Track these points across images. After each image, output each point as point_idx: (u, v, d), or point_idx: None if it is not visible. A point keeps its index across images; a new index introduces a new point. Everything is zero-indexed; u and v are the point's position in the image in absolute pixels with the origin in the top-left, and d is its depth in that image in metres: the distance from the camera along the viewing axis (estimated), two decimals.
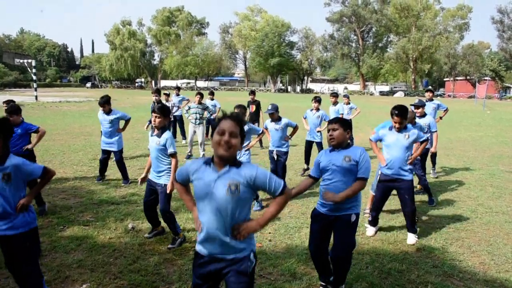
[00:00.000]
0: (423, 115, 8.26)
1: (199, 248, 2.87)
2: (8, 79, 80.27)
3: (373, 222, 6.08)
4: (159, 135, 5.30)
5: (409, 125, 5.84)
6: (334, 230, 4.15)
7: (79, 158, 11.23)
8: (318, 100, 9.88)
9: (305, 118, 10.10)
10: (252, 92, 13.74)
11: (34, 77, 42.00)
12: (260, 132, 7.50)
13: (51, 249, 5.22)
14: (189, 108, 11.69)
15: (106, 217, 6.41)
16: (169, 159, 5.35)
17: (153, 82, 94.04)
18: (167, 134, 5.31)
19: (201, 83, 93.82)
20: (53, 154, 11.81)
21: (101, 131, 9.02)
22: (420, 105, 8.16)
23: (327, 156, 4.16)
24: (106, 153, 8.68)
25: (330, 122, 4.15)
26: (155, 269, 4.73)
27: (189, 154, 11.56)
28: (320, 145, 9.83)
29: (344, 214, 4.06)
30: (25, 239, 3.61)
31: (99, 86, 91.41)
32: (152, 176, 5.44)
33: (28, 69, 46.97)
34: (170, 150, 5.28)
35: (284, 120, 8.04)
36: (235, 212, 2.69)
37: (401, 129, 5.63)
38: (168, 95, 14.17)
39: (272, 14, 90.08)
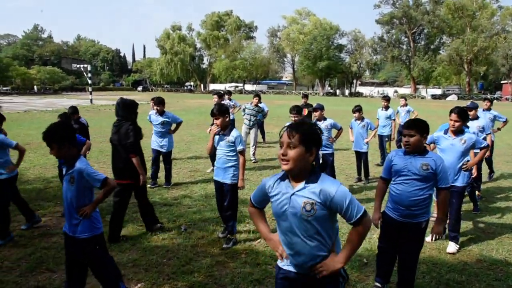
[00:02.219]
0: (476, 117, 7.81)
1: (282, 264, 2.72)
2: (65, 83, 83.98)
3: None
4: (227, 134, 5.41)
5: (466, 129, 5.56)
6: (402, 237, 4.08)
7: None
8: (358, 109, 9.47)
9: (351, 128, 9.71)
10: (305, 96, 13.70)
11: (90, 81, 43.80)
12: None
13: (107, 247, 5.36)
14: (245, 108, 11.76)
15: (159, 218, 6.51)
16: (236, 157, 5.45)
17: (202, 85, 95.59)
18: (236, 132, 5.42)
19: (249, 87, 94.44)
20: (107, 155, 12.17)
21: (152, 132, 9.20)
22: (472, 107, 7.77)
23: (402, 159, 4.02)
24: (157, 153, 8.79)
25: (407, 126, 3.96)
26: (207, 271, 4.77)
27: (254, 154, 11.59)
28: (366, 155, 9.46)
29: (415, 221, 4.00)
30: (91, 243, 3.69)
31: (150, 90, 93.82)
32: (218, 176, 5.52)
33: (84, 73, 48.97)
34: (239, 148, 5.40)
35: (329, 121, 7.98)
36: (313, 232, 2.50)
37: (457, 132, 5.35)
38: (221, 95, 14.07)
39: (320, 17, 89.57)
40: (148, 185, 8.44)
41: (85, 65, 47.26)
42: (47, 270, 4.80)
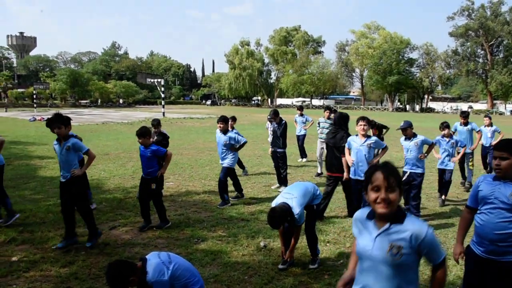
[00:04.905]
0: None
1: None
2: (138, 97, 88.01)
3: None
4: None
5: None
6: (488, 279, 3.38)
7: (206, 172, 11.66)
8: (447, 125, 8.84)
9: (435, 145, 8.83)
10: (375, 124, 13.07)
11: (163, 95, 45.38)
12: (384, 147, 7.12)
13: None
14: (319, 123, 11.53)
15: (237, 233, 6.46)
16: None
17: (269, 100, 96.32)
18: None
19: (316, 102, 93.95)
20: (182, 168, 12.43)
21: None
22: None
23: (489, 185, 3.41)
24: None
25: (498, 148, 3.39)
26: None
27: (319, 172, 11.31)
28: (450, 173, 8.83)
29: (503, 260, 3.28)
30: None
31: (218, 104, 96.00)
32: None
33: (157, 87, 50.86)
34: None
35: (419, 137, 7.50)
36: (396, 277, 2.36)
37: None
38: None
39: (390, 30, 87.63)
40: (217, 205, 8.33)
41: (159, 80, 49.14)
42: None
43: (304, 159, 14.07)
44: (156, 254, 3.67)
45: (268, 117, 12.25)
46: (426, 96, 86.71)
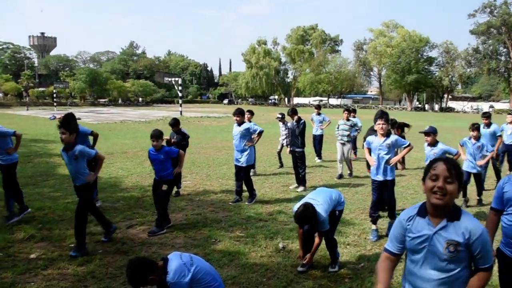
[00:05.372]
0: None
1: None
2: (156, 96, 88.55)
3: None
4: None
5: None
6: None
7: (223, 171, 11.59)
8: (477, 127, 8.44)
9: (462, 146, 8.64)
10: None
11: (180, 94, 45.57)
12: (407, 144, 6.72)
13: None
14: (338, 125, 11.38)
15: (255, 234, 6.36)
16: None
17: (286, 99, 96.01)
18: None
19: (333, 101, 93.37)
20: (199, 166, 12.39)
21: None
22: None
23: None
24: (237, 168, 8.45)
25: None
26: None
27: (341, 174, 11.11)
28: (479, 177, 8.54)
29: None
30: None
31: (235, 103, 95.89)
32: None
33: (175, 86, 51.09)
34: None
35: (440, 146, 7.11)
36: (451, 274, 2.37)
37: None
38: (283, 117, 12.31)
39: (409, 29, 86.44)
40: (230, 202, 8.34)
41: (176, 79, 49.30)
42: None
43: (319, 160, 13.85)
44: (178, 255, 3.60)
45: (278, 116, 12.12)
46: (445, 95, 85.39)
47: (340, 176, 11.03)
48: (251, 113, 10.28)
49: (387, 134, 6.38)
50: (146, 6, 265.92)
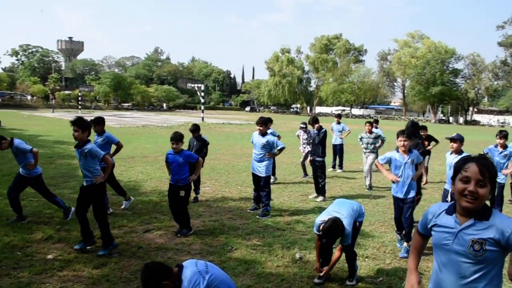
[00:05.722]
0: None
1: None
2: (179, 102, 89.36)
3: None
4: None
5: None
6: None
7: (242, 179, 11.53)
8: (504, 135, 8.17)
9: (486, 154, 8.35)
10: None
11: (202, 100, 45.85)
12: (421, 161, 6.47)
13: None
14: (361, 138, 11.24)
15: (272, 243, 6.27)
16: None
17: (308, 108, 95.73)
18: None
19: (356, 111, 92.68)
20: (219, 173, 12.36)
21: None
22: None
23: None
24: (255, 177, 8.26)
25: None
26: None
27: (370, 184, 10.90)
28: (501, 188, 8.21)
29: None
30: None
31: (257, 110, 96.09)
32: None
33: (198, 92, 51.48)
34: None
35: (464, 155, 6.89)
36: (477, 273, 2.25)
37: None
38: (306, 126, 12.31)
39: (434, 40, 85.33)
40: (248, 209, 8.25)
41: (199, 85, 49.71)
42: None
43: (340, 170, 13.67)
44: (194, 262, 3.53)
45: (301, 125, 12.08)
46: (471, 108, 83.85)
47: (370, 187, 10.87)
48: (270, 121, 10.18)
49: (409, 151, 6.21)
50: (171, 12, 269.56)
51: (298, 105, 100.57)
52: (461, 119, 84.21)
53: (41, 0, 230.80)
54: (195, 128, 8.95)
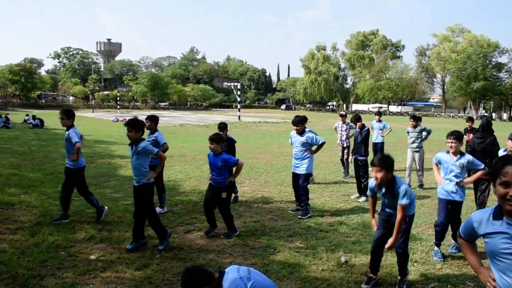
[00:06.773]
0: None
1: None
2: (215, 100, 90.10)
3: None
4: None
5: None
6: None
7: (282, 178, 11.36)
8: None
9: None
10: (470, 119, 12.21)
11: (238, 99, 45.99)
12: (483, 168, 5.99)
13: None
14: (408, 132, 10.91)
15: (316, 245, 6.07)
16: None
17: (344, 105, 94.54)
18: None
19: (393, 108, 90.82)
20: (257, 172, 12.24)
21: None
22: None
23: None
24: (295, 176, 8.09)
25: None
26: None
27: (408, 184, 10.53)
28: None
29: None
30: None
31: (293, 108, 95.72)
32: None
33: (233, 91, 51.64)
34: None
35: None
36: None
37: None
38: (344, 115, 12.61)
39: (476, 33, 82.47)
40: (289, 210, 8.10)
41: (235, 83, 49.85)
42: None
43: None
44: (236, 269, 3.39)
45: (341, 113, 11.90)
46: None
47: (421, 186, 10.55)
48: (305, 119, 9.98)
49: (461, 153, 5.93)
50: (206, 12, 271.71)
51: (334, 103, 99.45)
52: (504, 115, 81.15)
53: (81, 4, 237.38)
54: (224, 126, 8.77)
